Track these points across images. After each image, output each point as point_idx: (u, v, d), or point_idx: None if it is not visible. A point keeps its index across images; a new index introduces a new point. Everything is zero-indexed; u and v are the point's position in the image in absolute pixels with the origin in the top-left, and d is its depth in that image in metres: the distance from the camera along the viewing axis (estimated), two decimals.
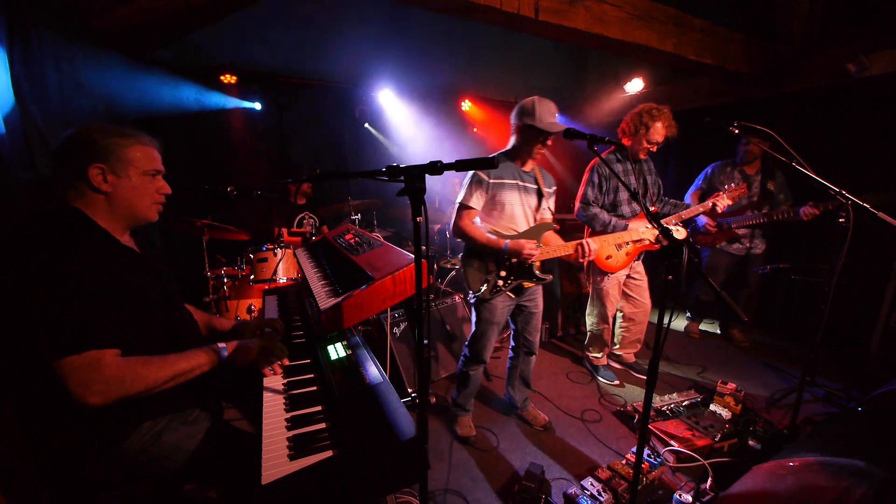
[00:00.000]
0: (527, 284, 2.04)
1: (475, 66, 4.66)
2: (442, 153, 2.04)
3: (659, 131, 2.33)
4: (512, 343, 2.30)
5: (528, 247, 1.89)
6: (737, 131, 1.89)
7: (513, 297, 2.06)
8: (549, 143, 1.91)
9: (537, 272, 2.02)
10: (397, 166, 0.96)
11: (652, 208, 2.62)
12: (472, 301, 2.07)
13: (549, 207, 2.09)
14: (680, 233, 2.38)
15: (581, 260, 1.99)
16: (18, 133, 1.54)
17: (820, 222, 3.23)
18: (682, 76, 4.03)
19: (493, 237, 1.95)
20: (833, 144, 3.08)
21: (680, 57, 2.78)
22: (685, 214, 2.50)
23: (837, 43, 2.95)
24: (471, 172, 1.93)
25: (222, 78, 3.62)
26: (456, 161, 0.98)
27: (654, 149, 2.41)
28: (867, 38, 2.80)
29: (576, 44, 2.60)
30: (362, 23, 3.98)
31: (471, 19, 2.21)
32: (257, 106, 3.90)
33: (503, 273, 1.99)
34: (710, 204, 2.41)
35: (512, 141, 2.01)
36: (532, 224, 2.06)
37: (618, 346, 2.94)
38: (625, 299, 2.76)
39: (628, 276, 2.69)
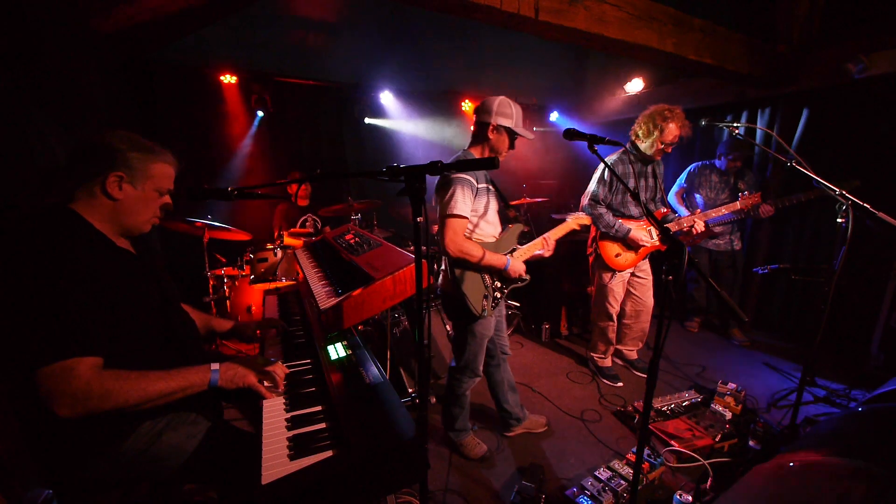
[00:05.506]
0: (518, 285, 1.99)
1: (475, 66, 4.66)
2: (442, 153, 2.03)
3: (673, 132, 2.34)
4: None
5: (523, 270, 1.88)
6: (737, 132, 1.90)
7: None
8: (513, 147, 1.85)
9: (522, 274, 1.98)
10: (397, 166, 0.96)
11: (664, 209, 2.64)
12: (463, 321, 1.89)
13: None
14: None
15: (546, 254, 1.97)
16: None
17: (820, 222, 3.24)
18: (682, 76, 4.03)
19: (496, 254, 1.82)
20: (833, 144, 3.08)
21: (680, 57, 2.78)
22: (712, 214, 2.66)
23: (837, 43, 2.94)
24: (452, 177, 1.70)
25: (222, 78, 3.62)
26: (457, 161, 0.99)
27: (669, 150, 2.42)
28: (867, 38, 2.80)
29: (576, 44, 2.60)
30: (362, 23, 3.98)
31: (471, 19, 2.20)
32: (257, 106, 3.90)
33: (498, 283, 1.90)
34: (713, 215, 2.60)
35: (479, 141, 1.82)
36: (501, 227, 1.98)
37: (619, 343, 2.95)
38: (627, 297, 2.78)
39: (632, 275, 2.72)
